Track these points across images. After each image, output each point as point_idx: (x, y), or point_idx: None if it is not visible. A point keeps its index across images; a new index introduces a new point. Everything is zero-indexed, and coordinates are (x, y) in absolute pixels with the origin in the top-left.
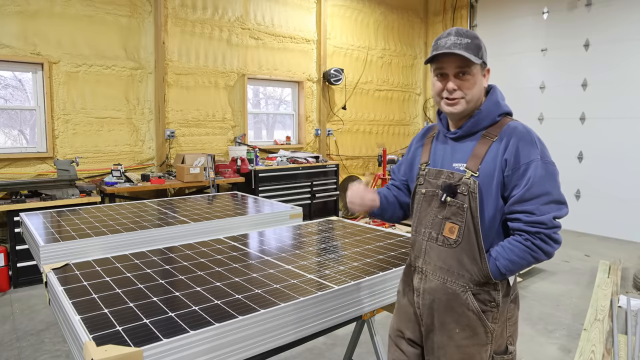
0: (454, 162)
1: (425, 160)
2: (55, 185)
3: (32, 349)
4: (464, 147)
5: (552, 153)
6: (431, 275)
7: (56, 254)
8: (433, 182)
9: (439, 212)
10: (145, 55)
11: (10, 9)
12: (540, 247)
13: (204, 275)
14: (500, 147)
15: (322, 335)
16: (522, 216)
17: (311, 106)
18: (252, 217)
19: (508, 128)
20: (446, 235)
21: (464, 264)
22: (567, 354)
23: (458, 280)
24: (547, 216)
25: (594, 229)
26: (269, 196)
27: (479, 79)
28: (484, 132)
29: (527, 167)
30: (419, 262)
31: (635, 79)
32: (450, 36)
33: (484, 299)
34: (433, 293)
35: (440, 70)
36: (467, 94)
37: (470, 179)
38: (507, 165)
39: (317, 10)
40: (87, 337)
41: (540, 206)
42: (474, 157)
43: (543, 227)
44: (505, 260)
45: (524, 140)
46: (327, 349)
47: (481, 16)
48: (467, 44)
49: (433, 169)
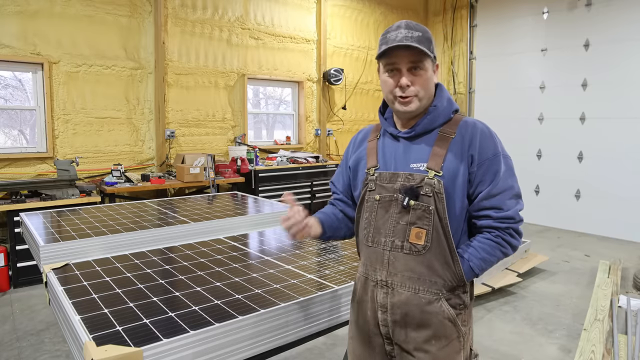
0: (411, 163)
1: (373, 164)
2: (55, 185)
3: (32, 349)
4: (419, 147)
5: (552, 153)
6: (399, 288)
7: (56, 254)
8: (388, 186)
9: (400, 217)
10: (145, 55)
11: (10, 9)
12: (509, 242)
13: (204, 275)
14: (462, 144)
15: (322, 335)
16: (492, 212)
17: (311, 106)
18: (252, 217)
19: (466, 124)
20: (413, 241)
21: (435, 269)
22: (567, 354)
23: (430, 288)
24: (513, 210)
25: (594, 229)
26: (269, 196)
27: (431, 75)
28: (440, 130)
29: (491, 162)
30: (381, 275)
31: (635, 79)
32: (401, 29)
33: (455, 304)
34: (404, 307)
35: (392, 66)
36: (421, 91)
37: (434, 179)
38: (472, 161)
39: (317, 10)
40: (87, 337)
41: (507, 201)
42: (434, 155)
43: (512, 222)
44: (478, 259)
45: (485, 136)
46: (327, 349)
47: (481, 16)
48: (419, 37)
49: (385, 172)
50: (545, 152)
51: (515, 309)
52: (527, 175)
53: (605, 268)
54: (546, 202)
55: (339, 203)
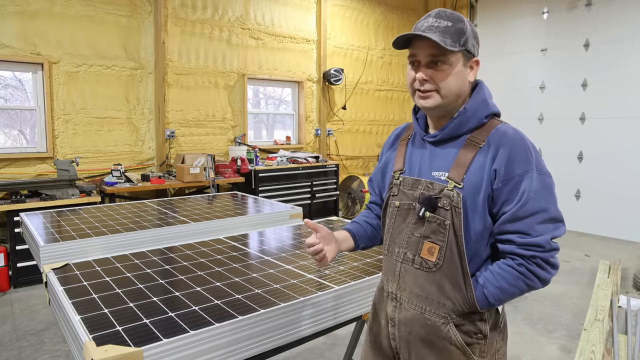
0: (433, 171)
1: (400, 167)
2: (55, 185)
3: (32, 349)
4: (445, 153)
5: (552, 153)
6: (407, 304)
7: (56, 254)
8: (409, 193)
9: (415, 229)
10: (145, 55)
11: (10, 9)
12: (535, 273)
13: (204, 275)
14: (488, 154)
15: (322, 335)
16: (515, 237)
17: (311, 106)
18: (252, 217)
19: (497, 132)
20: (424, 257)
21: (445, 291)
22: (567, 354)
23: (438, 310)
24: (544, 237)
25: (594, 229)
26: (269, 196)
27: (458, 70)
28: (469, 136)
29: (520, 179)
30: (392, 287)
31: (635, 79)
32: (429, 17)
33: (469, 331)
34: (409, 324)
35: (413, 57)
36: (442, 87)
37: (453, 191)
38: (496, 176)
39: (317, 10)
40: (87, 337)
41: (536, 225)
42: (457, 165)
43: (539, 250)
44: (495, 288)
45: (516, 148)
46: (327, 349)
47: (481, 16)
48: (445, 28)
49: (409, 177)
50: (545, 152)
51: (515, 309)
52: None
53: (605, 268)
54: None
55: (374, 207)
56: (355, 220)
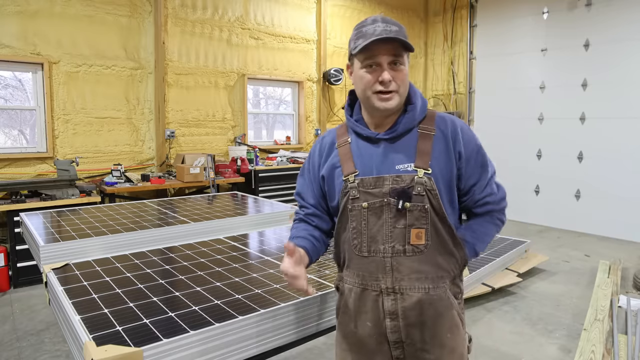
0: (396, 164)
1: (351, 170)
2: (55, 185)
3: (32, 349)
4: (403, 147)
5: (552, 153)
6: (409, 291)
7: (56, 254)
8: (375, 191)
9: (396, 221)
10: (145, 55)
11: (10, 9)
12: (502, 220)
13: (204, 275)
14: (445, 140)
15: (322, 335)
16: (489, 198)
17: (311, 106)
18: (252, 217)
19: (441, 119)
20: (414, 243)
21: (439, 264)
22: (567, 354)
23: (438, 284)
24: (502, 190)
25: (594, 229)
26: (269, 196)
27: (408, 70)
28: (419, 128)
29: (476, 154)
30: (386, 282)
31: (635, 79)
32: (378, 23)
33: (456, 292)
34: (417, 308)
35: (372, 60)
36: (401, 86)
37: (424, 177)
38: (461, 157)
39: (317, 10)
40: (87, 337)
41: (494, 184)
42: (421, 154)
43: (504, 202)
44: (482, 243)
45: (464, 129)
46: (327, 349)
47: (481, 16)
48: (397, 32)
49: (368, 177)
50: (545, 152)
51: (515, 309)
52: (527, 175)
53: (605, 268)
54: (546, 202)
55: (312, 219)
56: (299, 235)
